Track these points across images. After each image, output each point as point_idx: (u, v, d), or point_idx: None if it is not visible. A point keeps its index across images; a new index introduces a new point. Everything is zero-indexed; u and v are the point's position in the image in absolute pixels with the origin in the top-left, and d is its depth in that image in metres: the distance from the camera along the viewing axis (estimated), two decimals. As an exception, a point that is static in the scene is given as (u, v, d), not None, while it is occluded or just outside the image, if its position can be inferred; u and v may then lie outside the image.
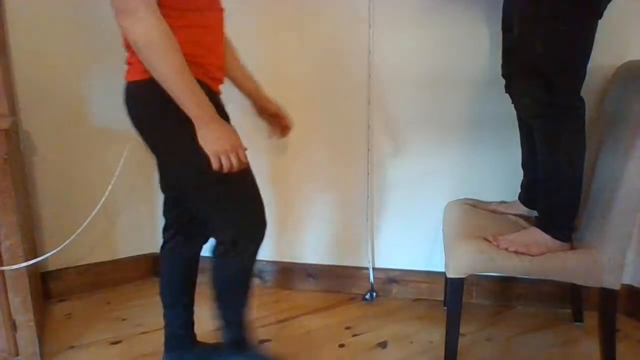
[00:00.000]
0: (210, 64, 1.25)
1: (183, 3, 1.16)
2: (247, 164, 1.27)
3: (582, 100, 1.36)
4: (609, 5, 1.35)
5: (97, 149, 2.07)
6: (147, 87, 1.15)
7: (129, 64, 1.23)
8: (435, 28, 1.82)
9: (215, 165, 1.19)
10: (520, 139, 1.67)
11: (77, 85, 2.01)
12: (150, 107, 1.22)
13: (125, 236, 2.21)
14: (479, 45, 1.80)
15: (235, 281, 1.43)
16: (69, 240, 1.79)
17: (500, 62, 1.58)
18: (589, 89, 1.45)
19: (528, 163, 1.67)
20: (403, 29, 1.86)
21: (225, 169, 1.20)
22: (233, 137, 1.21)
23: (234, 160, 1.20)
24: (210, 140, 1.18)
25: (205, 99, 1.16)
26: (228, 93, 1.38)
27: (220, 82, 1.33)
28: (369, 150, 1.96)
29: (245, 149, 1.24)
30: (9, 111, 1.65)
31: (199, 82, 1.17)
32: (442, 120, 1.89)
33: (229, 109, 1.34)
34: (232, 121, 1.30)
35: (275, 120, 1.55)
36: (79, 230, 1.81)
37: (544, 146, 1.41)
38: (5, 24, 1.82)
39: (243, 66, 1.47)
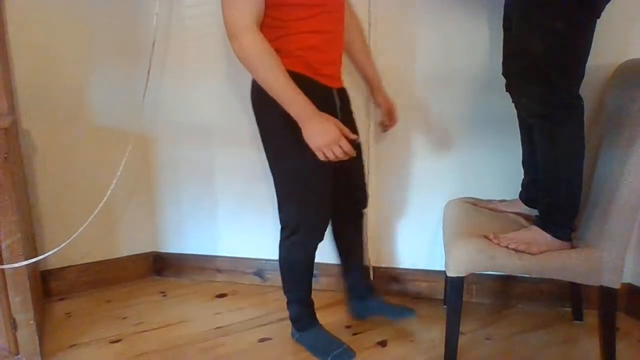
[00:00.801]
0: (317, 61, 1.44)
1: (289, 14, 1.37)
2: (353, 152, 1.43)
3: (581, 99, 1.37)
4: (608, 5, 1.35)
5: (98, 148, 2.07)
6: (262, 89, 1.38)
7: None
8: (434, 27, 1.82)
9: (321, 157, 1.39)
10: (521, 138, 1.67)
11: (78, 84, 2.01)
12: (262, 105, 1.45)
13: (125, 235, 2.21)
14: (478, 44, 1.80)
15: (293, 264, 1.62)
16: (70, 239, 1.79)
17: (500, 60, 1.58)
18: (589, 88, 1.45)
19: (528, 161, 1.67)
20: (402, 28, 1.86)
21: (332, 159, 1.39)
22: (331, 131, 1.36)
23: (337, 152, 1.38)
24: (311, 136, 1.37)
25: (302, 101, 1.35)
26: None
27: (332, 77, 1.51)
28: (368, 148, 1.96)
29: (355, 140, 1.44)
30: (8, 109, 1.65)
31: (308, 79, 1.41)
32: (442, 119, 1.89)
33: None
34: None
35: (386, 115, 1.75)
36: (80, 230, 1.81)
37: (543, 145, 1.41)
38: (5, 21, 1.83)
39: (366, 52, 1.65)
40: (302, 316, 1.70)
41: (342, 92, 1.61)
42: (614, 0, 1.35)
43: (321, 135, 1.36)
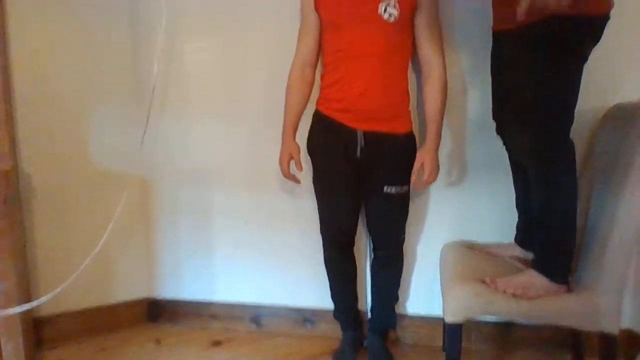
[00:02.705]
0: (334, 99, 1.70)
1: (325, 58, 1.74)
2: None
3: (571, 142, 1.39)
4: (597, 50, 1.39)
5: (97, 191, 2.08)
6: None
7: None
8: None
9: None
10: (513, 180, 1.69)
11: (78, 127, 2.03)
12: None
13: (121, 280, 2.19)
14: (469, 87, 1.84)
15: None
16: (64, 285, 1.77)
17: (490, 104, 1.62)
18: (579, 131, 1.48)
19: (522, 203, 1.69)
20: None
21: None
22: (280, 154, 1.79)
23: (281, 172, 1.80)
24: None
25: (284, 125, 1.78)
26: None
27: (354, 119, 1.67)
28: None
29: (295, 179, 1.82)
30: (10, 152, 1.67)
31: (322, 115, 1.74)
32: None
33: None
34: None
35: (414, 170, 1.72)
36: (74, 275, 1.79)
37: (536, 187, 1.43)
38: (11, 67, 1.87)
39: (429, 114, 1.71)
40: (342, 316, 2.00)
41: (375, 135, 1.67)
42: (603, 45, 1.39)
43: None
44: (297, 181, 1.82)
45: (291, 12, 1.84)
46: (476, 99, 1.84)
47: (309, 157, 1.81)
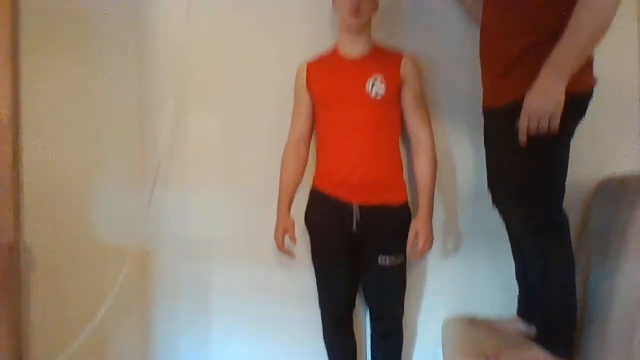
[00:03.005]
0: (328, 174, 1.76)
1: (319, 134, 1.82)
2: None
3: (565, 215, 1.41)
4: (586, 123, 1.44)
5: (97, 265, 2.06)
6: None
7: None
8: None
9: None
10: (512, 251, 1.68)
11: (82, 199, 2.06)
12: None
13: (116, 355, 2.13)
14: (461, 161, 1.88)
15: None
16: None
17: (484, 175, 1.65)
18: (572, 203, 1.50)
19: (521, 275, 1.67)
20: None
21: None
22: (276, 227, 1.83)
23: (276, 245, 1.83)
24: None
25: (280, 200, 1.83)
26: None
27: (348, 192, 1.71)
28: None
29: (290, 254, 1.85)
30: (13, 225, 1.70)
31: (317, 191, 1.79)
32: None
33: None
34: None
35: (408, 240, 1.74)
36: (69, 350, 1.75)
37: (533, 260, 1.44)
38: (21, 141, 1.94)
39: (420, 185, 1.76)
40: None
41: (370, 208, 1.70)
42: (592, 118, 1.44)
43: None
44: (292, 255, 1.85)
45: (287, 91, 1.91)
46: (469, 170, 1.88)
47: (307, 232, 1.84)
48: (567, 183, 1.43)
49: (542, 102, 1.25)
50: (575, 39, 1.23)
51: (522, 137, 1.30)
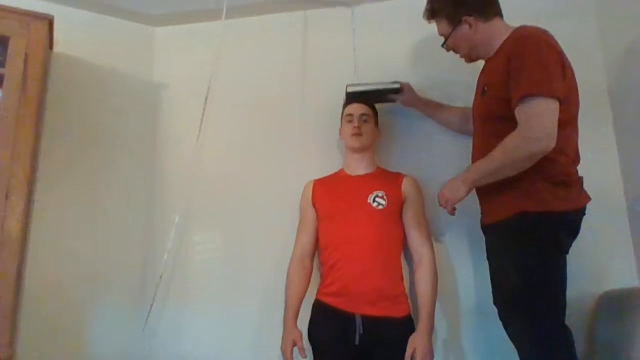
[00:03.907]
0: (331, 284, 1.77)
1: (322, 246, 1.86)
2: None
3: (566, 328, 1.39)
4: (584, 240, 1.48)
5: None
6: None
7: None
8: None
9: None
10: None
11: (79, 327, 2.02)
12: None
13: None
14: (463, 277, 1.90)
15: None
16: None
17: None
18: (575, 316, 1.49)
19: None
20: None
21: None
22: (283, 340, 1.78)
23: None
24: None
25: (286, 313, 1.82)
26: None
27: (351, 303, 1.71)
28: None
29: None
30: (9, 342, 1.66)
31: (320, 303, 1.79)
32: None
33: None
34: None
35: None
36: None
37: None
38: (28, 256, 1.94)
39: (420, 298, 1.77)
40: None
41: (373, 320, 1.69)
42: (590, 232, 1.49)
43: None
44: None
45: (290, 208, 2.01)
46: (470, 286, 1.89)
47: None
48: (567, 296, 1.43)
49: (446, 192, 1.55)
50: (486, 165, 1.48)
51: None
